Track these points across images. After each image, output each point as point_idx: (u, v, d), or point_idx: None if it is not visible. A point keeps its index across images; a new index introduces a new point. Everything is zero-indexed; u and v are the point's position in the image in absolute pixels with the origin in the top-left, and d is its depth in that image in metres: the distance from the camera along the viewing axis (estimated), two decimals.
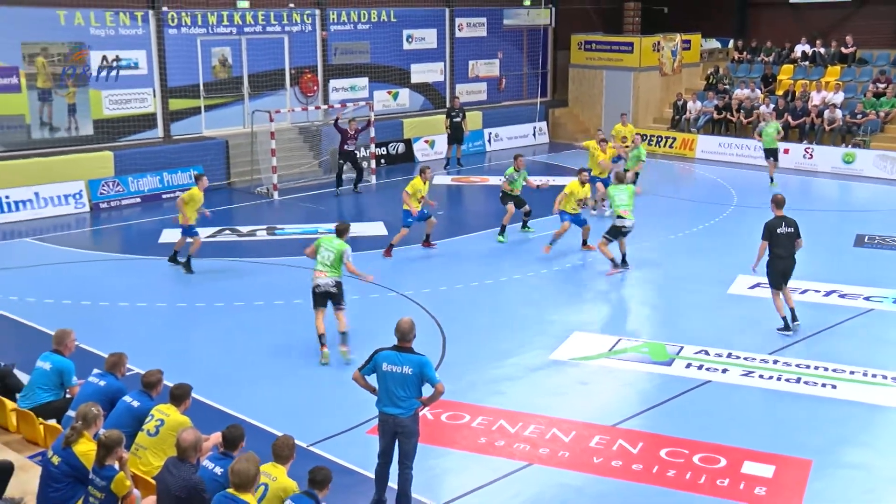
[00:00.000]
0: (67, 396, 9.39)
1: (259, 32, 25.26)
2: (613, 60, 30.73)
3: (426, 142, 28.02)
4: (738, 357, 12.35)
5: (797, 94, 27.97)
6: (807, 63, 29.92)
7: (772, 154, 23.49)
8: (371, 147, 24.98)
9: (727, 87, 29.93)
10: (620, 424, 10.51)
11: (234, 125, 24.89)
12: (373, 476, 8.71)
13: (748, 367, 12.04)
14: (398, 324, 8.41)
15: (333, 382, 11.34)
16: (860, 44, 29.53)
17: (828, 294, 14.94)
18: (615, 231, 16.02)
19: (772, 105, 27.34)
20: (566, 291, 15.57)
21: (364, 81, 27.77)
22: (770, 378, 11.73)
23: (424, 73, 29.41)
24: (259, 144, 23.60)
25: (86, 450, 7.38)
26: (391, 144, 27.15)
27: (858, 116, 26.28)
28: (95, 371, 9.15)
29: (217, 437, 7.94)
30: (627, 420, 10.64)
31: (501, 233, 18.26)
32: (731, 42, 33.28)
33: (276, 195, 22.50)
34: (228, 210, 21.29)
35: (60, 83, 21.84)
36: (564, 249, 17.26)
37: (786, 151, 23.94)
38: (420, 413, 8.57)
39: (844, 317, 13.94)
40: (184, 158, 23.05)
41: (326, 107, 25.83)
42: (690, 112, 29.02)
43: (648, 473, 9.41)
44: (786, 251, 13.17)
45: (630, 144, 23.22)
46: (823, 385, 11.51)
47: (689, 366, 12.14)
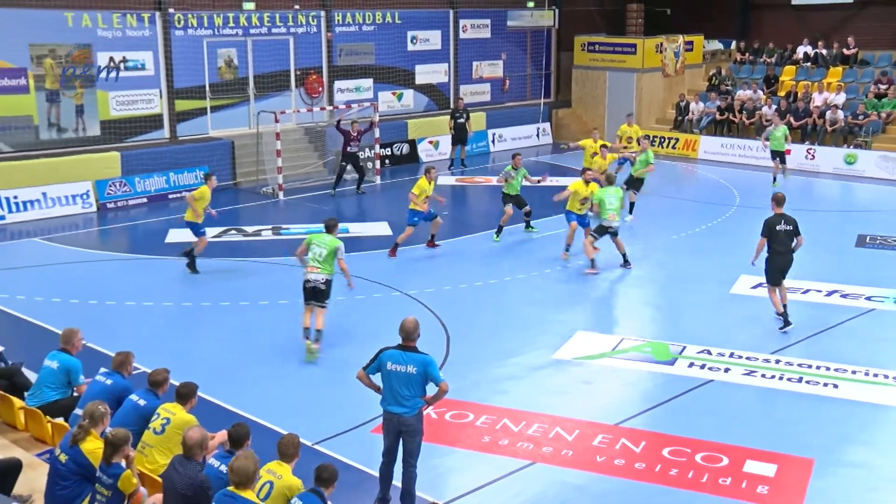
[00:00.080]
0: (75, 395, 9.43)
1: (264, 34, 25.33)
2: (616, 62, 30.74)
3: (430, 142, 28.07)
4: (741, 356, 12.38)
5: (799, 96, 27.96)
6: (809, 64, 29.90)
7: (779, 155, 23.53)
8: (375, 148, 25.05)
9: (729, 89, 29.94)
10: (623, 423, 10.53)
11: (240, 126, 24.98)
12: (377, 474, 8.73)
13: (750, 367, 12.07)
14: (402, 323, 8.45)
15: (338, 381, 11.33)
16: (862, 45, 29.50)
17: (829, 294, 14.97)
18: (602, 230, 16.11)
19: (774, 106, 27.35)
20: (569, 291, 15.58)
21: (369, 82, 27.81)
22: (772, 377, 11.76)
23: (429, 74, 29.44)
24: (264, 145, 23.66)
25: (93, 448, 7.42)
26: (395, 145, 27.19)
27: (860, 117, 26.28)
28: (102, 370, 9.18)
29: (223, 436, 7.97)
30: (630, 419, 10.66)
31: (498, 233, 18.35)
32: (734, 43, 33.25)
33: (282, 195, 22.57)
34: (234, 210, 21.36)
35: (62, 83, 21.88)
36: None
37: (787, 152, 23.95)
38: (424, 412, 8.59)
39: (846, 317, 13.97)
40: (190, 159, 23.14)
41: (331, 108, 25.86)
42: (693, 113, 29.02)
43: (651, 472, 9.44)
44: (784, 248, 13.26)
45: (637, 146, 23.25)
46: (825, 384, 11.54)
47: (692, 365, 12.17)
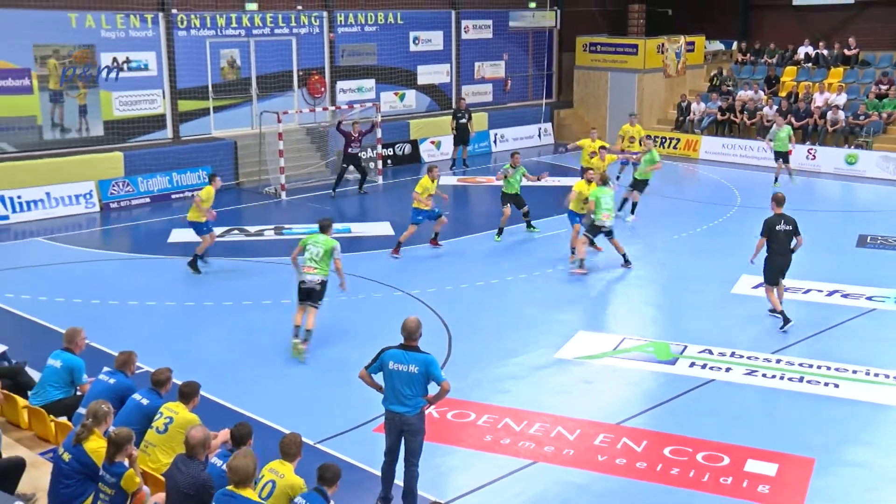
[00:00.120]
0: (78, 394, 9.46)
1: (267, 34, 25.37)
2: (618, 62, 30.77)
3: (432, 143, 28.10)
4: (742, 356, 12.41)
5: (800, 96, 27.97)
6: (810, 65, 29.92)
7: (782, 156, 23.54)
8: (378, 148, 25.09)
9: (731, 89, 29.96)
10: (625, 423, 10.55)
11: (243, 126, 25.02)
12: (379, 473, 8.75)
13: (751, 367, 12.09)
14: (404, 323, 8.46)
15: (340, 380, 11.38)
16: (863, 46, 29.50)
17: (830, 294, 15.00)
18: (595, 229, 16.10)
19: (775, 106, 27.38)
20: (571, 291, 15.58)
21: (371, 83, 27.85)
22: (773, 377, 11.78)
23: (431, 75, 29.48)
24: (267, 145, 23.70)
25: (96, 447, 7.44)
26: (397, 145, 27.22)
27: (861, 118, 26.28)
28: (105, 369, 9.21)
29: (225, 435, 7.99)
30: (632, 418, 10.68)
31: (499, 234, 18.41)
32: (735, 44, 33.28)
33: (284, 195, 22.61)
34: (237, 210, 21.39)
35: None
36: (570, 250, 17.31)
37: (789, 153, 23.98)
38: (426, 411, 8.61)
39: (847, 316, 13.99)
40: (193, 159, 23.18)
41: (334, 108, 25.90)
42: (694, 113, 29.04)
43: (652, 471, 9.46)
44: (783, 249, 13.33)
45: (639, 146, 23.25)
46: (826, 384, 11.56)
47: (693, 365, 12.19)
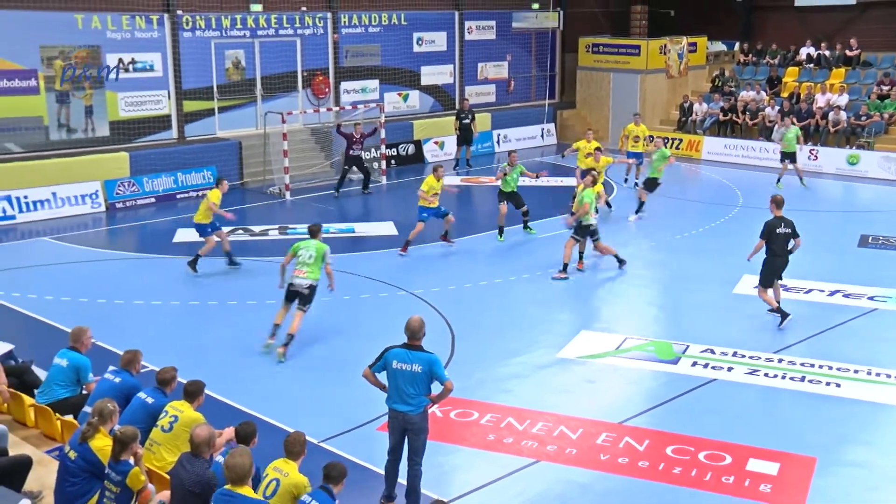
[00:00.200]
0: (84, 393, 9.51)
1: (272, 35, 25.44)
2: (621, 63, 30.79)
3: (436, 143, 28.16)
4: (744, 356, 12.45)
5: (802, 97, 27.98)
6: (812, 65, 29.92)
7: (789, 157, 23.53)
8: (381, 148, 25.15)
9: (733, 90, 29.97)
10: (627, 422, 10.59)
11: (248, 126, 25.09)
12: (382, 472, 8.80)
13: (753, 366, 12.13)
14: (408, 322, 8.49)
15: (344, 380, 11.41)
16: (864, 46, 29.49)
17: (832, 294, 15.04)
18: (584, 231, 16.08)
19: (777, 107, 27.42)
20: (573, 291, 15.62)
21: (375, 83, 27.90)
22: (775, 377, 11.82)
23: (434, 76, 29.53)
24: (271, 145, 23.77)
25: (102, 445, 7.47)
26: (401, 146, 27.28)
27: (863, 118, 26.29)
28: (111, 368, 9.24)
29: (230, 434, 8.03)
30: (634, 418, 10.72)
31: (500, 233, 18.44)
32: (737, 45, 33.29)
33: (289, 195, 22.67)
34: (241, 210, 21.37)
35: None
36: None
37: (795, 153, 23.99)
38: (429, 410, 8.64)
39: (848, 316, 14.03)
40: (198, 159, 23.26)
41: (338, 108, 25.96)
42: (696, 114, 29.07)
43: (654, 470, 9.50)
44: (782, 251, 13.40)
45: (643, 146, 23.30)
46: (827, 384, 11.59)
47: (695, 364, 12.23)
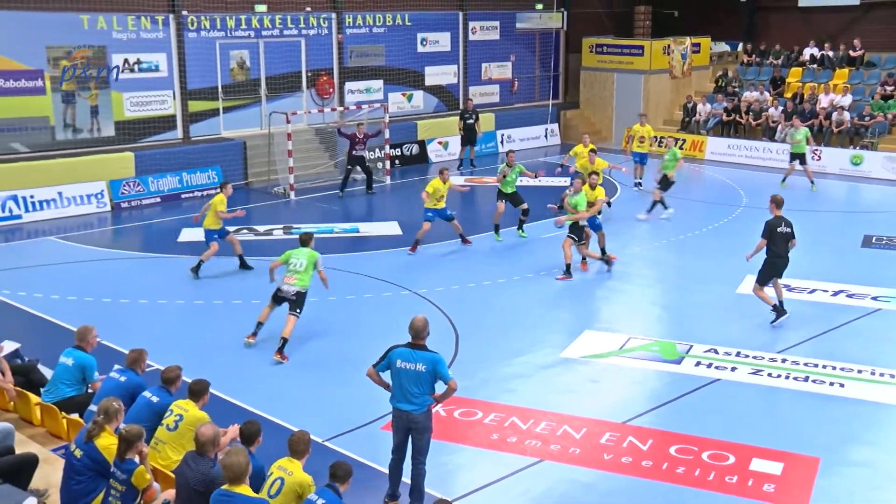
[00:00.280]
0: (89, 391, 9.55)
1: (276, 36, 25.49)
2: (624, 63, 30.81)
3: (440, 143, 28.19)
4: (747, 356, 12.45)
5: (805, 97, 27.97)
6: (815, 66, 29.91)
7: (798, 157, 23.51)
8: (386, 148, 25.18)
9: (736, 90, 29.97)
10: (630, 422, 10.60)
11: (252, 126, 25.14)
12: (386, 471, 8.82)
13: (757, 366, 12.14)
14: (412, 322, 8.51)
15: (348, 379, 11.42)
16: (868, 47, 29.50)
17: (836, 294, 15.04)
18: (580, 231, 16.07)
19: (780, 107, 27.41)
20: (577, 290, 15.63)
21: (379, 84, 27.95)
22: (778, 376, 11.82)
23: (438, 76, 29.57)
24: (276, 145, 23.80)
25: (107, 443, 7.50)
26: (405, 146, 27.31)
27: (866, 119, 26.28)
28: (116, 367, 9.28)
29: (234, 432, 8.04)
30: (637, 417, 10.73)
31: (496, 231, 18.44)
32: (741, 45, 33.24)
33: (293, 195, 22.70)
34: (246, 209, 21.40)
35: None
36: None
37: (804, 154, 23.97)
38: (433, 410, 8.67)
39: (852, 316, 14.03)
40: (203, 159, 23.32)
41: (342, 108, 26.00)
42: (700, 114, 29.07)
43: (658, 470, 9.50)
44: (782, 251, 13.43)
45: (648, 147, 23.31)
46: (831, 384, 11.60)
47: (699, 364, 12.24)
